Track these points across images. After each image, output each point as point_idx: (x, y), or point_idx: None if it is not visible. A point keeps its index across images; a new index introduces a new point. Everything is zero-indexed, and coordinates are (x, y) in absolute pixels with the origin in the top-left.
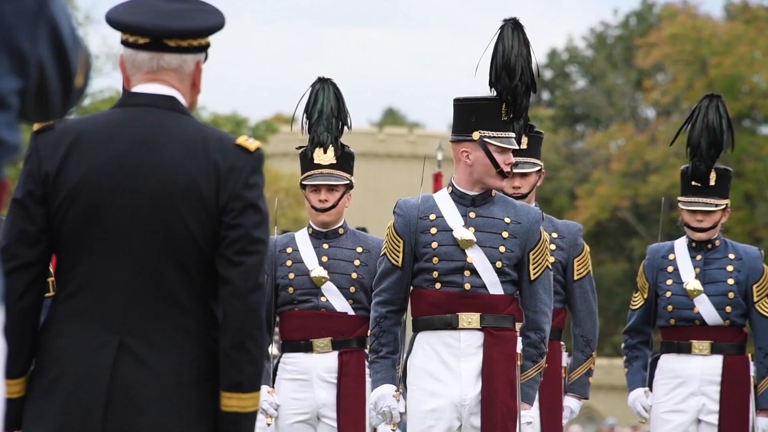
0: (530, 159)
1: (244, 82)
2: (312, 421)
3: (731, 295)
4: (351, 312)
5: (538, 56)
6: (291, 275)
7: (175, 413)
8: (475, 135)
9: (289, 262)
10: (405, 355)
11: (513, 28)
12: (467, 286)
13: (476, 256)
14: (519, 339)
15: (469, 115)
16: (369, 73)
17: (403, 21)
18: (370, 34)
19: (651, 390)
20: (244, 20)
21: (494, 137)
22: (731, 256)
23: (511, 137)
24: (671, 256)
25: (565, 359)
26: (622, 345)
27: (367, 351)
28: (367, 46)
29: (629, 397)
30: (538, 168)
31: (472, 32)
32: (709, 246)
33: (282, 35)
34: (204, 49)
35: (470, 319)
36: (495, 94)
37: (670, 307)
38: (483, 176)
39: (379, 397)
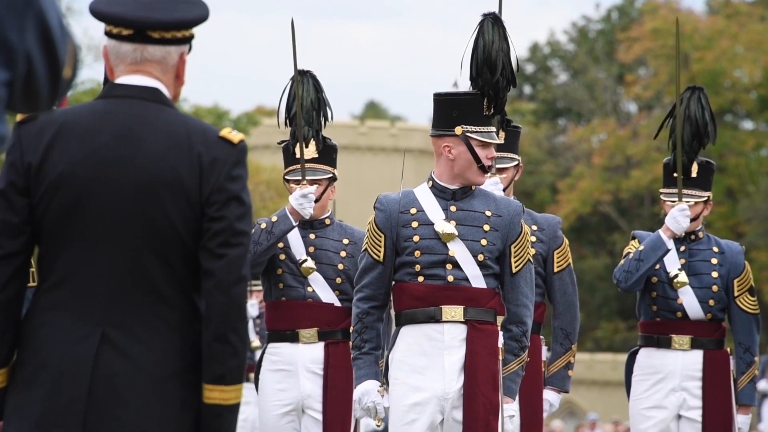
0: (508, 154)
1: (226, 74)
2: (296, 413)
3: (715, 288)
4: (337, 303)
5: (520, 50)
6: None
7: (157, 405)
8: (458, 130)
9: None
10: (387, 350)
11: (493, 22)
12: (450, 279)
13: (458, 249)
14: (500, 333)
15: (450, 110)
16: (351, 66)
17: (385, 14)
18: (353, 28)
19: (628, 385)
20: (227, 12)
21: (477, 132)
22: (715, 249)
23: (493, 132)
24: None
25: (545, 353)
26: (616, 277)
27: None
28: (349, 39)
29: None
30: (516, 163)
31: (456, 25)
32: (693, 237)
33: (264, 28)
34: (188, 40)
35: (454, 312)
36: (476, 89)
37: (654, 294)
38: (464, 171)
39: (363, 393)
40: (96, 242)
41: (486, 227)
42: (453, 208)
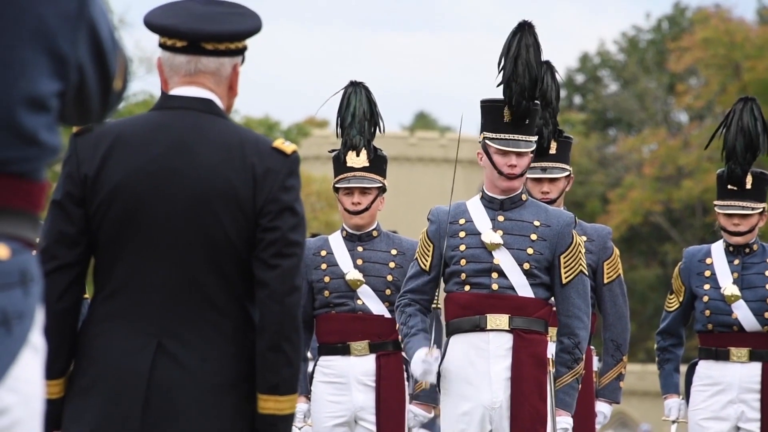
0: (559, 164)
1: (277, 85)
2: (348, 425)
3: None
4: (387, 315)
5: (570, 60)
6: (326, 278)
7: (213, 415)
8: (481, 137)
9: (323, 266)
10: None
11: (516, 30)
12: (495, 287)
13: (503, 258)
14: (551, 344)
15: (481, 118)
16: (400, 76)
17: (435, 25)
18: (402, 38)
19: (687, 396)
20: (276, 23)
21: (493, 139)
22: None
23: (514, 139)
24: (708, 261)
25: (596, 364)
26: (655, 346)
27: (404, 354)
28: (398, 50)
29: (666, 403)
30: (567, 173)
31: (505, 35)
32: (747, 250)
33: (314, 39)
34: (241, 52)
35: (499, 320)
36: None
37: (707, 312)
38: (491, 178)
39: (414, 362)
40: (151, 252)
41: (533, 236)
42: (501, 218)
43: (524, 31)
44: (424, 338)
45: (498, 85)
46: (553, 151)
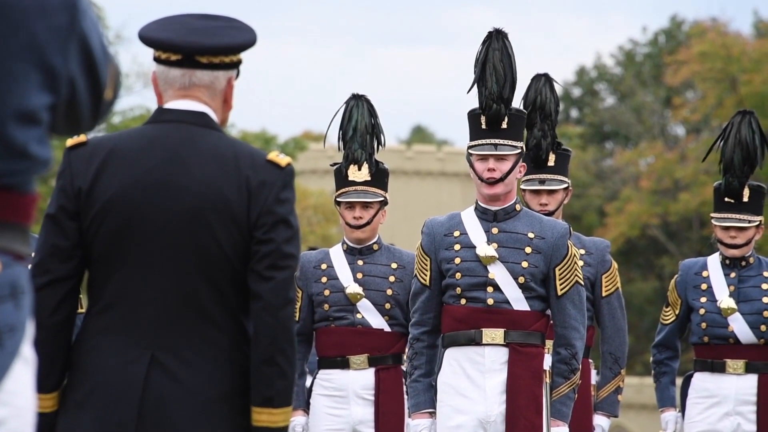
0: (557, 176)
1: (274, 99)
2: None
3: (766, 313)
4: (387, 328)
5: (567, 74)
6: (326, 292)
7: (207, 428)
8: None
9: (324, 279)
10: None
11: (486, 38)
12: (490, 302)
13: (498, 272)
14: (547, 356)
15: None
16: (397, 90)
17: (431, 39)
18: (398, 52)
19: (683, 409)
20: (273, 38)
21: (472, 146)
22: (765, 273)
23: (490, 144)
24: (704, 273)
25: (594, 377)
26: (651, 359)
27: (403, 368)
28: (394, 64)
29: (662, 416)
30: (566, 186)
31: None
32: (743, 263)
33: (310, 53)
34: (236, 65)
35: (494, 334)
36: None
37: (704, 325)
38: (477, 187)
39: (414, 427)
40: (145, 266)
41: (528, 249)
42: (495, 230)
43: (492, 38)
44: (426, 393)
45: (468, 91)
46: (551, 163)
